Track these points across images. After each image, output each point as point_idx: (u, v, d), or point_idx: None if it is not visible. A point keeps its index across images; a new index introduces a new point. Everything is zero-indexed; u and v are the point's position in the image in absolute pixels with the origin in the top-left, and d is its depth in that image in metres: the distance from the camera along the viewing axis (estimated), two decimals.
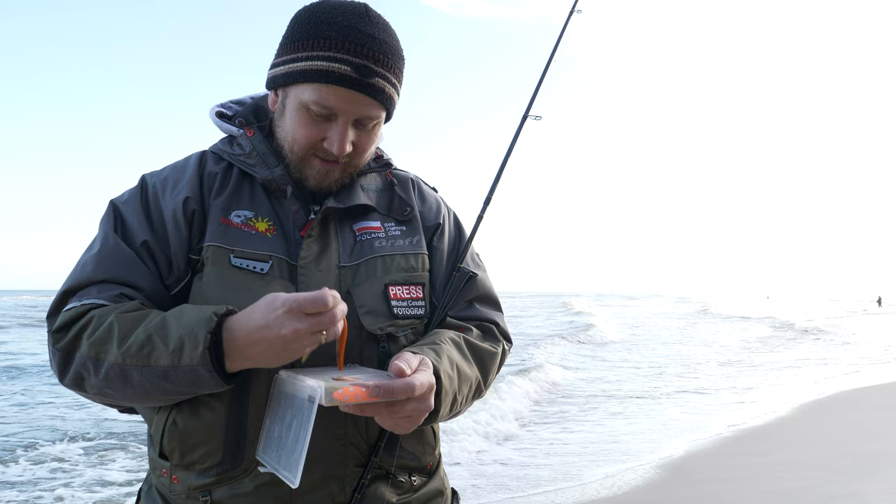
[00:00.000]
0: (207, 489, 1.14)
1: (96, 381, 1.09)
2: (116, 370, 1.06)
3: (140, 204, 1.22)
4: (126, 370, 1.06)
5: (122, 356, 1.06)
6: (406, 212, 1.34)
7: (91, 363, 1.08)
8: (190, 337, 1.03)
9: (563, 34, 1.59)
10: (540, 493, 4.98)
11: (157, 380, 1.05)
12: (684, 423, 7.51)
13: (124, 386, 1.08)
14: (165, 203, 1.21)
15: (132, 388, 1.08)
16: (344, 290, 1.20)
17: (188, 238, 1.19)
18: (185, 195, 1.21)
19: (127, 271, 1.16)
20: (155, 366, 1.05)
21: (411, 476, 1.25)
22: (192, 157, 1.29)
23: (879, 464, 5.34)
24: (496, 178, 1.46)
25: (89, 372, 1.09)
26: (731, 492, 4.88)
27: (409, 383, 1.00)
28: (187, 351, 1.03)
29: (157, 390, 1.07)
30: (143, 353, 1.05)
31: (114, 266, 1.16)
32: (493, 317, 1.37)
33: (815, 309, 41.23)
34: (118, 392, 1.09)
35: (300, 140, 1.20)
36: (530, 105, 1.52)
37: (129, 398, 1.12)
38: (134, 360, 1.05)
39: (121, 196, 1.26)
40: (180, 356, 1.03)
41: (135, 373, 1.06)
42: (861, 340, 12.78)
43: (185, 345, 1.03)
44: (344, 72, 1.15)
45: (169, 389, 1.07)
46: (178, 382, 1.05)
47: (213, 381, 1.04)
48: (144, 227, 1.19)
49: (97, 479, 5.50)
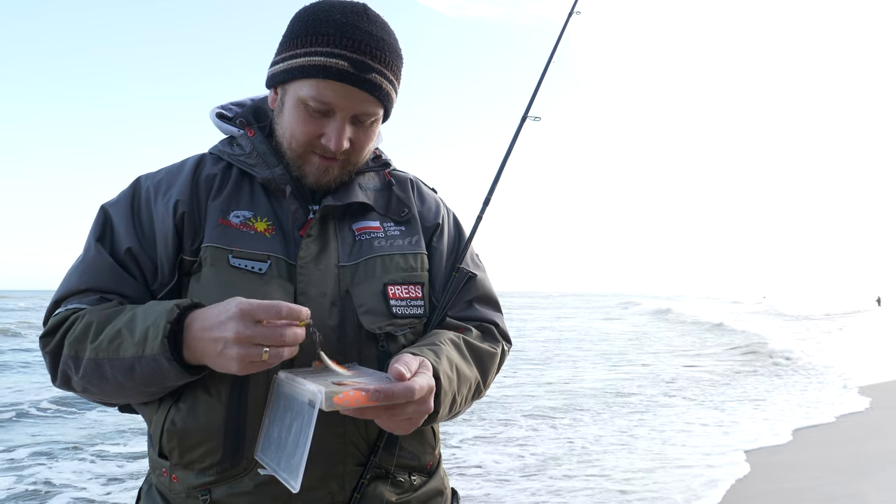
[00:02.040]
0: (207, 488, 1.15)
1: (77, 379, 1.12)
2: (91, 365, 1.10)
3: (129, 208, 1.24)
4: (100, 364, 1.09)
5: (95, 351, 1.09)
6: (404, 213, 1.34)
7: (72, 362, 1.12)
8: (153, 327, 1.05)
9: (562, 36, 1.60)
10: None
11: (126, 372, 1.08)
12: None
13: (101, 381, 1.11)
14: (156, 208, 1.22)
15: (107, 382, 1.10)
16: (343, 290, 1.21)
17: (176, 243, 1.20)
18: (175, 199, 1.21)
19: (111, 281, 1.19)
20: (123, 357, 1.07)
21: (411, 475, 1.25)
22: (188, 161, 1.30)
23: (879, 464, 5.33)
24: (495, 179, 1.46)
25: (72, 370, 1.12)
26: (733, 491, 4.88)
27: (408, 387, 1.00)
28: (149, 340, 1.05)
29: (130, 383, 1.09)
30: (113, 347, 1.08)
31: (96, 277, 1.19)
32: (493, 317, 1.37)
33: (807, 311, 40.97)
34: (97, 388, 1.13)
35: (298, 136, 1.21)
36: (529, 106, 1.52)
37: (107, 393, 1.14)
38: (105, 353, 1.09)
39: (112, 200, 1.27)
40: (144, 347, 1.05)
41: (107, 366, 1.09)
42: (835, 373, 11.41)
43: (148, 335, 1.05)
44: (341, 67, 1.16)
45: (139, 382, 1.08)
46: (145, 373, 1.07)
47: (173, 371, 1.05)
48: (131, 232, 1.21)
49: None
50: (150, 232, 1.21)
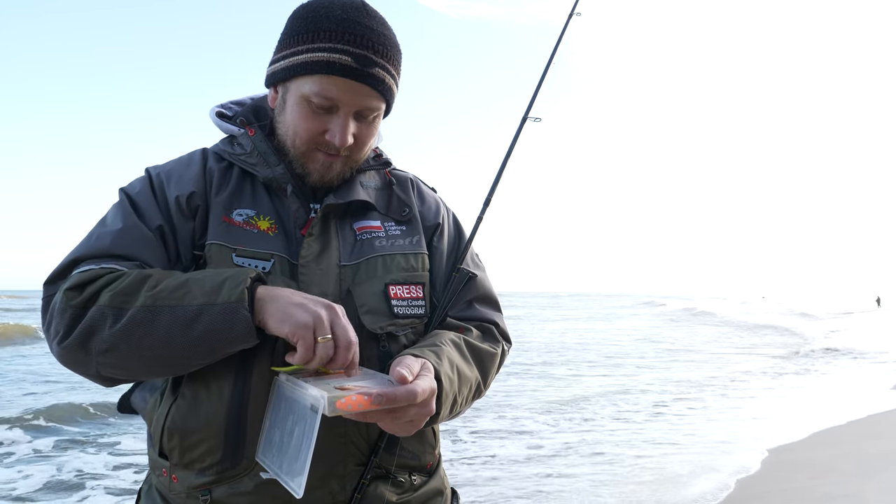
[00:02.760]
0: (207, 488, 1.15)
1: (110, 333, 1.05)
2: (143, 312, 1.04)
3: (149, 192, 1.22)
4: (155, 311, 1.04)
5: (154, 298, 1.05)
6: (405, 212, 1.34)
7: (111, 312, 1.05)
8: (231, 279, 1.05)
9: (562, 37, 1.60)
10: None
11: (187, 321, 1.04)
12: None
13: (146, 332, 1.04)
14: (171, 194, 1.21)
15: (154, 334, 1.04)
16: (344, 289, 1.21)
17: (192, 231, 1.20)
18: (191, 189, 1.21)
19: (145, 251, 1.16)
20: (188, 305, 1.04)
21: (411, 475, 1.26)
22: (195, 154, 1.30)
23: (879, 464, 5.33)
24: (496, 180, 1.47)
25: (105, 323, 1.05)
26: (730, 491, 4.88)
27: (411, 390, 1.00)
28: (226, 290, 1.04)
29: (180, 339, 1.04)
30: (178, 294, 1.05)
31: (132, 243, 1.15)
32: (493, 317, 1.38)
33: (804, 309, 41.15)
34: (132, 345, 1.05)
35: (302, 134, 1.21)
36: (530, 107, 1.52)
37: (142, 353, 1.06)
38: (166, 300, 1.05)
39: (131, 185, 1.25)
40: (218, 295, 1.04)
41: (165, 313, 1.04)
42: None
43: (224, 285, 1.04)
44: (345, 62, 1.16)
45: (193, 337, 1.04)
46: (210, 325, 1.03)
47: (243, 325, 1.03)
48: (157, 213, 1.19)
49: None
50: (170, 216, 1.20)
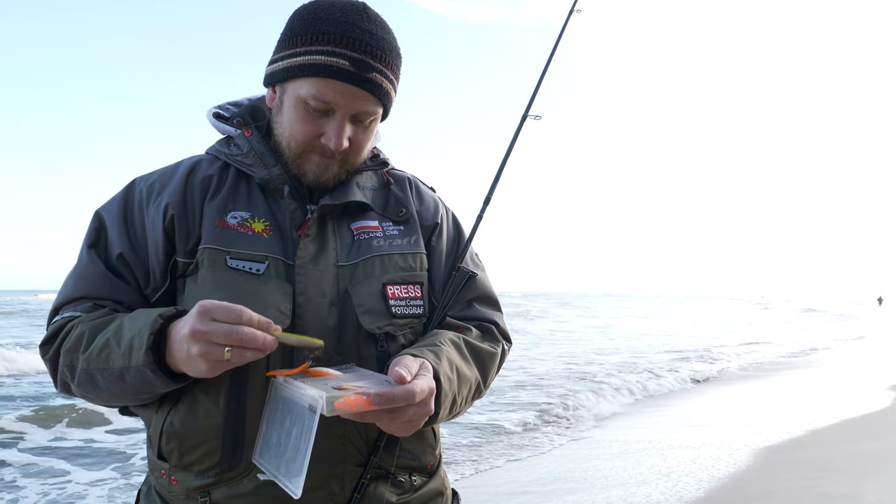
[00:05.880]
0: (206, 490, 1.14)
1: (74, 386, 1.15)
2: (84, 375, 1.12)
3: (122, 212, 1.24)
4: (91, 374, 1.11)
5: (87, 361, 1.10)
6: (402, 212, 1.34)
7: (68, 371, 1.13)
8: (137, 338, 1.06)
9: (562, 33, 1.59)
10: None
11: (116, 381, 1.09)
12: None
13: (95, 389, 1.12)
14: (148, 212, 1.22)
15: (101, 390, 1.12)
16: (342, 290, 1.20)
17: (167, 246, 1.19)
18: (165, 202, 1.21)
19: (103, 288, 1.20)
20: (112, 368, 1.08)
21: (411, 476, 1.25)
22: (182, 163, 1.29)
23: (879, 464, 5.33)
24: (496, 178, 1.46)
25: (69, 379, 1.14)
26: (730, 491, 4.88)
27: (409, 390, 1.00)
28: (135, 351, 1.05)
29: (122, 391, 1.10)
30: (103, 357, 1.09)
31: (89, 284, 1.20)
32: (493, 317, 1.37)
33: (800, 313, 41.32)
34: (93, 395, 1.15)
35: (298, 136, 1.20)
36: (530, 104, 1.51)
37: (104, 400, 1.16)
38: (95, 363, 1.10)
39: (105, 204, 1.27)
40: (130, 357, 1.06)
41: (98, 376, 1.10)
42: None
43: (133, 345, 1.06)
44: (342, 66, 1.15)
45: (130, 390, 1.10)
46: (134, 383, 1.08)
47: (159, 381, 1.06)
48: (123, 237, 1.21)
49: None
50: (142, 236, 1.21)
